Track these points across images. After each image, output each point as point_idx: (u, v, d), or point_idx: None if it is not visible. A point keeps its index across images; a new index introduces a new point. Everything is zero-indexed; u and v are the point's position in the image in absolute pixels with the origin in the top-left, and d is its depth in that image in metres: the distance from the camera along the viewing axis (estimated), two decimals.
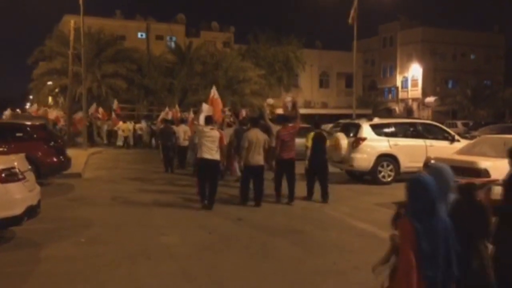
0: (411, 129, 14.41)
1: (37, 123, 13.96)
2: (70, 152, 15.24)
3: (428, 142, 13.75)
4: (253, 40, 43.12)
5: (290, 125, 10.63)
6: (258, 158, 10.07)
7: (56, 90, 35.07)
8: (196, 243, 7.44)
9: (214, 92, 13.32)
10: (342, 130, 14.92)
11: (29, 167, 8.04)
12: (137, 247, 7.25)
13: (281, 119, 11.18)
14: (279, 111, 14.43)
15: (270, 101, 13.34)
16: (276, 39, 43.09)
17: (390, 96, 57.59)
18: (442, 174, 3.66)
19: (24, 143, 12.28)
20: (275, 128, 11.21)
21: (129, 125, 28.88)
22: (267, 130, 11.14)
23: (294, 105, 11.53)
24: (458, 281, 3.45)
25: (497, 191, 4.30)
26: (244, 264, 6.44)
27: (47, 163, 12.50)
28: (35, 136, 12.91)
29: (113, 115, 28.26)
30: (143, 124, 29.77)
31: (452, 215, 3.52)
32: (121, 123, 28.56)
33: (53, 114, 30.11)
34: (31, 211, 7.47)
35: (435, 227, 3.27)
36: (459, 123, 37.10)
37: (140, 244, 7.42)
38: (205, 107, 12.50)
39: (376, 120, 14.30)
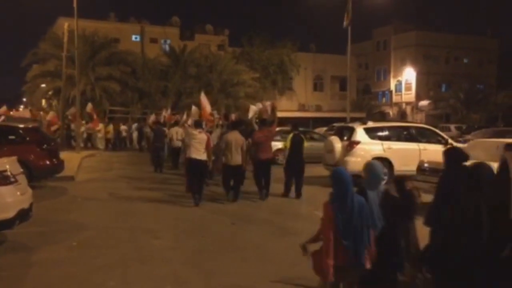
0: (405, 132, 14.46)
1: (30, 125, 13.88)
2: (63, 155, 15.17)
3: (422, 145, 13.80)
4: (247, 43, 43.14)
5: (267, 128, 11.44)
6: (237, 158, 10.86)
7: (50, 92, 34.87)
8: (189, 247, 7.43)
9: (203, 98, 13.93)
10: (336, 134, 14.95)
11: (21, 170, 7.99)
12: (129, 250, 7.22)
13: (260, 123, 12.02)
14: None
15: (259, 105, 13.87)
16: (270, 42, 43.15)
17: (384, 99, 57.79)
18: (374, 169, 4.63)
19: (16, 146, 12.20)
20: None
21: (111, 127, 28.58)
22: (250, 133, 11.92)
23: (273, 109, 12.37)
24: (386, 255, 4.30)
25: None
26: (237, 267, 6.43)
27: (39, 166, 12.42)
28: (27, 139, 12.83)
29: (95, 117, 27.66)
30: (133, 126, 29.42)
31: (386, 200, 4.46)
32: (101, 125, 28.18)
33: (50, 116, 29.72)
34: (23, 215, 7.42)
35: (349, 207, 4.12)
36: (452, 126, 37.25)
37: (133, 247, 7.39)
38: (194, 110, 13.68)
39: (370, 124, 14.34)
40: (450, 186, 4.41)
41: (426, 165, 11.64)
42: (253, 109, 13.51)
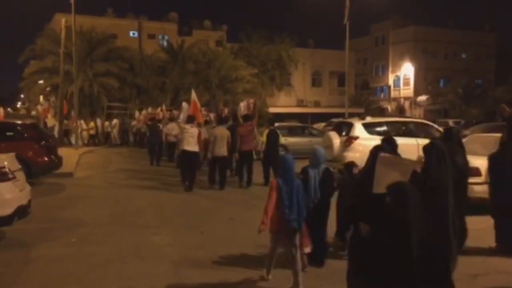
0: (403, 128, 14.43)
1: (28, 122, 13.86)
2: (61, 151, 15.15)
3: (420, 140, 13.77)
4: (245, 39, 43.02)
5: (249, 123, 12.80)
6: (222, 150, 12.21)
7: (48, 89, 34.74)
8: (188, 243, 7.43)
9: (193, 95, 14.94)
10: (334, 129, 14.92)
11: (20, 166, 7.98)
12: (128, 247, 7.22)
13: (243, 118, 13.25)
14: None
15: (244, 103, 15.12)
16: (269, 38, 43.02)
17: (382, 95, 57.77)
18: (316, 153, 6.23)
19: (15, 142, 12.17)
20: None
21: (94, 123, 28.44)
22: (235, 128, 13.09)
23: (254, 106, 13.76)
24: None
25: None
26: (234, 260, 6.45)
27: (38, 163, 12.41)
28: (26, 135, 12.81)
29: (72, 113, 27.27)
30: (114, 122, 29.04)
31: (341, 184, 6.36)
32: (81, 121, 27.98)
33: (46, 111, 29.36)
34: (22, 211, 7.41)
35: (291, 186, 5.32)
36: (450, 122, 37.24)
37: (131, 244, 7.39)
38: (185, 106, 14.84)
39: (369, 119, 14.32)
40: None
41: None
42: (240, 107, 14.95)
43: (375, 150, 4.86)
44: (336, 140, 13.73)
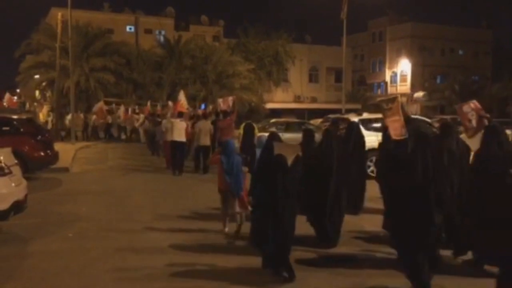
0: None
1: (24, 116, 13.81)
2: (57, 146, 15.12)
3: None
4: (242, 34, 42.89)
5: (228, 118, 14.64)
6: (205, 140, 14.23)
7: (44, 83, 34.63)
8: (185, 238, 7.42)
9: (182, 95, 16.83)
10: (331, 125, 14.91)
11: (16, 161, 7.96)
12: (125, 242, 7.22)
13: (223, 113, 15.19)
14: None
15: (227, 99, 16.53)
16: (266, 33, 42.92)
17: (379, 91, 57.74)
18: (261, 139, 8.16)
19: (10, 137, 12.12)
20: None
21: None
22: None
23: (233, 103, 15.31)
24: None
25: None
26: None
27: (34, 158, 12.37)
28: (22, 130, 12.76)
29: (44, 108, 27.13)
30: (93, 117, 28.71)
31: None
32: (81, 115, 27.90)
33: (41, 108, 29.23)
34: (18, 206, 7.41)
35: (231, 161, 7.27)
36: (447, 118, 37.31)
37: (128, 238, 7.39)
38: (170, 104, 18.54)
39: (365, 115, 14.34)
40: None
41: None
42: (219, 102, 16.75)
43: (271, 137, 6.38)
44: None
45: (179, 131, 14.27)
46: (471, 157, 6.15)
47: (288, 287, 5.51)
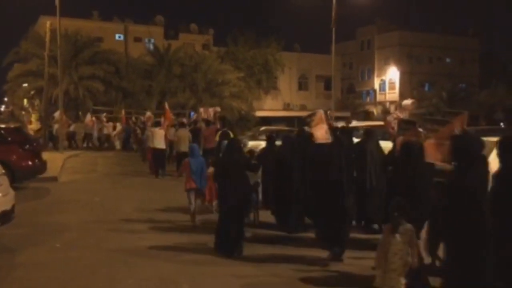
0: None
1: (12, 126, 13.69)
2: (46, 155, 14.99)
3: None
4: (232, 43, 43.04)
5: (211, 127, 15.74)
6: (185, 147, 14.50)
7: (32, 92, 34.39)
8: (174, 247, 7.39)
9: (166, 107, 18.48)
10: None
11: (3, 171, 7.88)
12: (114, 251, 7.17)
13: (205, 123, 16.47)
14: None
15: (218, 109, 18.49)
16: (255, 41, 43.11)
17: (368, 98, 58.15)
18: (222, 143, 10.53)
19: None
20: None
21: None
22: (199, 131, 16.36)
23: (215, 114, 16.91)
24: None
25: None
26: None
27: (22, 167, 12.23)
28: (9, 139, 12.64)
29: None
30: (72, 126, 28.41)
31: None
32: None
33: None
34: (5, 216, 7.33)
35: (197, 162, 8.72)
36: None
37: (117, 248, 7.34)
38: (148, 114, 20.89)
39: (354, 123, 14.43)
40: None
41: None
42: (201, 112, 18.30)
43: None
44: None
45: (158, 139, 15.67)
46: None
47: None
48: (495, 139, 5.76)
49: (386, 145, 8.49)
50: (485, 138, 5.75)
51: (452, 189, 4.83)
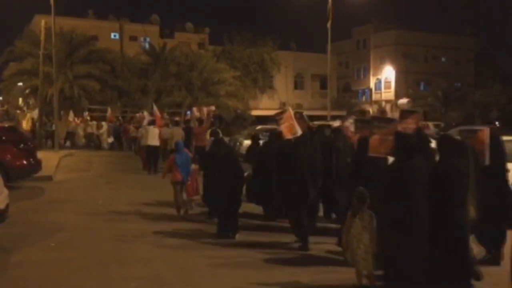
0: None
1: (7, 125, 13.63)
2: (41, 154, 14.93)
3: None
4: (228, 42, 42.99)
5: (203, 126, 16.10)
6: None
7: (27, 91, 34.23)
8: (169, 246, 7.37)
9: (155, 108, 19.73)
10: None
11: None
12: (108, 251, 7.15)
13: (198, 122, 16.76)
14: None
15: (212, 108, 18.57)
16: (251, 40, 43.08)
17: (364, 97, 58.24)
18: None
19: None
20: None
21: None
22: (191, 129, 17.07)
23: (208, 113, 16.91)
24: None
25: None
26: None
27: (16, 166, 12.19)
28: (4, 138, 12.59)
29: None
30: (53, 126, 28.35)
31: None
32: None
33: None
34: None
35: (182, 157, 9.66)
36: (430, 124, 37.68)
37: (111, 248, 7.32)
38: (146, 115, 20.42)
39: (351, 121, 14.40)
40: None
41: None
42: (194, 111, 18.52)
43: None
44: None
45: (152, 137, 16.28)
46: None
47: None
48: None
49: None
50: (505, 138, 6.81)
51: (389, 179, 5.69)
